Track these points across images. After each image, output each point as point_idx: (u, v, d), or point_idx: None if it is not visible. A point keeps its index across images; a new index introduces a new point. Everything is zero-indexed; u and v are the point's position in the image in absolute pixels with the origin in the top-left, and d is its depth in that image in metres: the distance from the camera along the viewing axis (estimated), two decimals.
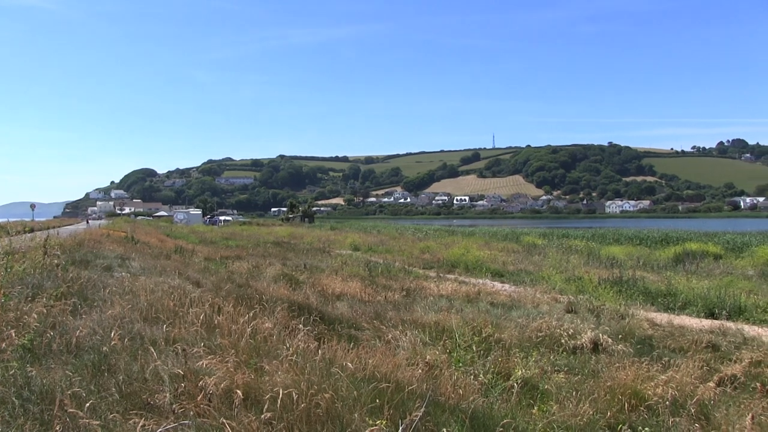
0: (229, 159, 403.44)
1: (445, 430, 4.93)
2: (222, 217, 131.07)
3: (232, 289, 13.13)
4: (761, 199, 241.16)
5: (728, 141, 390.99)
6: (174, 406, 4.82)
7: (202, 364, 5.71)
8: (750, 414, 6.70)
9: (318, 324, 10.56)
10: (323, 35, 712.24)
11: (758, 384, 8.45)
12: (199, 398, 4.92)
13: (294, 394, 4.89)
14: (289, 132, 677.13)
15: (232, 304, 9.66)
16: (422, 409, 4.95)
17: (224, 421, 4.43)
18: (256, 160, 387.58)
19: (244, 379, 5.31)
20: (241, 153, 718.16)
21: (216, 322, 7.65)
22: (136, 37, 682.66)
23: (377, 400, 5.22)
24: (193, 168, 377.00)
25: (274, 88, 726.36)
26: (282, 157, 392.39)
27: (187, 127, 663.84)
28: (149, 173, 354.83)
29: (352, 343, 8.22)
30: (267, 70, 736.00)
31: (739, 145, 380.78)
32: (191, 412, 4.71)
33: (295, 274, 20.05)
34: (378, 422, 4.71)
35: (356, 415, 4.87)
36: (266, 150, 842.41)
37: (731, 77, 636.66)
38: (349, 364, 6.16)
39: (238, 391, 4.92)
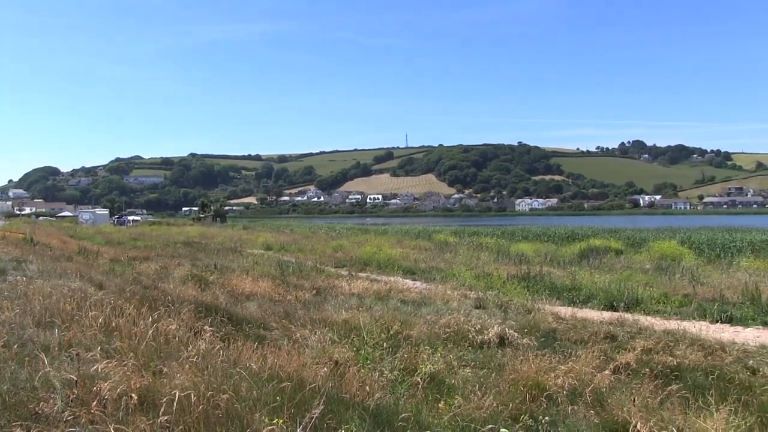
0: (138, 157, 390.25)
1: (345, 426, 4.93)
2: (131, 217, 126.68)
3: (137, 290, 12.74)
4: (658, 197, 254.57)
5: (629, 142, 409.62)
6: (64, 413, 4.61)
7: (98, 368, 5.49)
8: (633, 398, 7.12)
9: (225, 324, 10.37)
10: (235, 32, 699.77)
11: (648, 369, 8.94)
12: (93, 404, 4.73)
13: (192, 396, 4.78)
14: (201, 130, 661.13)
15: (136, 306, 9.37)
16: (321, 407, 4.93)
17: (117, 426, 4.28)
18: (166, 158, 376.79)
19: (142, 383, 5.15)
20: (151, 151, 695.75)
21: (114, 324, 7.39)
22: (37, 28, 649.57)
23: (279, 400, 5.18)
24: (99, 166, 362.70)
25: (184, 84, 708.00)
26: (193, 155, 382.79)
27: (94, 124, 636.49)
28: (52, 171, 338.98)
29: (258, 343, 8.13)
30: (177, 66, 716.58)
31: (639, 146, 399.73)
32: (83, 420, 4.52)
33: (205, 274, 19.63)
34: (276, 421, 4.67)
35: (257, 415, 4.81)
36: (177, 148, 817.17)
37: (631, 82, 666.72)
38: (252, 364, 6.08)
39: (133, 395, 4.77)
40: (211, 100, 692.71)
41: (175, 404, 4.65)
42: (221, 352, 6.83)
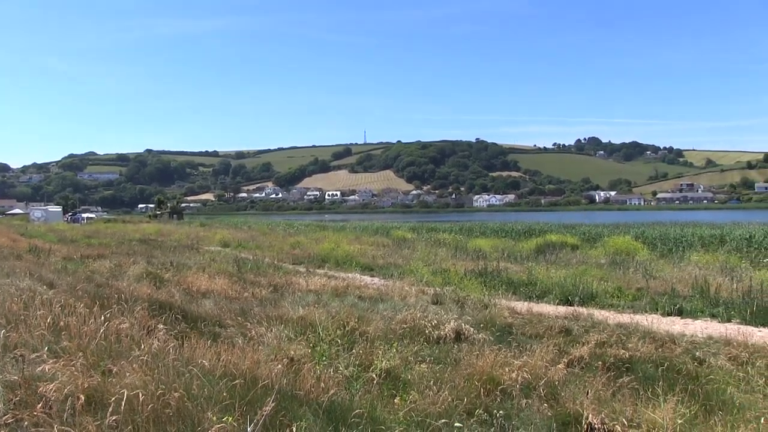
0: (93, 153, 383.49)
1: (298, 423, 4.90)
2: (85, 215, 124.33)
3: (90, 289, 12.49)
4: (613, 193, 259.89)
5: (585, 139, 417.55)
6: (6, 416, 4.46)
7: (44, 369, 5.34)
8: (586, 390, 7.25)
9: (180, 323, 10.23)
10: (192, 27, 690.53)
11: (600, 363, 9.09)
12: (37, 406, 4.59)
13: (142, 395, 4.69)
14: (157, 125, 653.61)
15: (87, 304, 9.17)
16: (273, 404, 4.88)
17: (62, 428, 4.17)
18: (121, 154, 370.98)
19: (91, 383, 5.03)
20: (106, 147, 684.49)
21: (62, 324, 7.20)
22: None
23: (231, 397, 5.12)
24: (52, 162, 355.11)
25: (140, 79, 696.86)
26: (149, 151, 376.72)
27: (46, 120, 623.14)
28: (2, 168, 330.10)
29: (212, 341, 8.03)
30: (133, 60, 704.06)
31: (594, 143, 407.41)
32: (26, 422, 4.39)
33: (161, 272, 19.32)
34: (225, 418, 4.62)
35: (209, 413, 4.74)
36: (133, 144, 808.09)
37: (586, 80, 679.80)
38: (205, 362, 6.00)
39: (81, 396, 4.65)
40: (168, 96, 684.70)
41: (123, 404, 4.56)
42: (174, 350, 6.72)
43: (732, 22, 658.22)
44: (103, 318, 7.85)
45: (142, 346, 6.75)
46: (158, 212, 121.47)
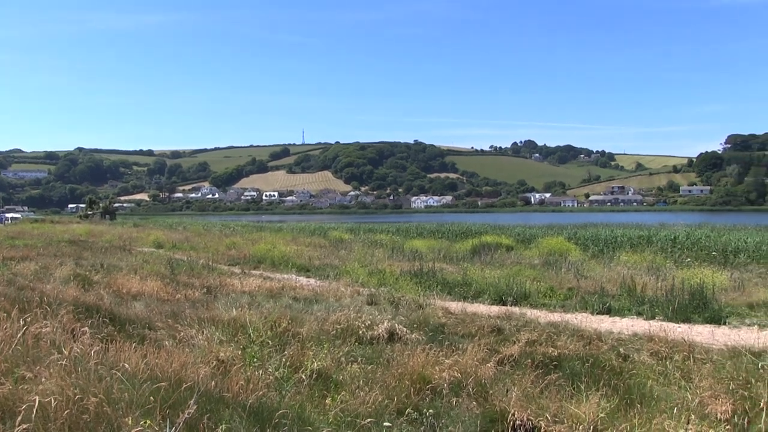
0: (18, 150, 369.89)
1: (222, 425, 4.81)
2: (9, 215, 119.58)
3: (10, 292, 12.01)
4: (548, 195, 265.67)
5: (521, 142, 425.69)
6: None
7: None
8: (514, 387, 7.39)
9: (107, 326, 9.94)
10: (126, 22, 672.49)
11: (530, 361, 9.27)
12: None
13: (57, 401, 4.52)
14: (89, 123, 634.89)
15: (5, 308, 8.80)
16: (194, 406, 4.78)
17: None
18: (50, 152, 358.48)
19: (1, 391, 4.81)
20: (33, 144, 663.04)
21: None
22: None
23: (153, 401, 4.99)
24: None
25: (70, 74, 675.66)
26: (80, 149, 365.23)
27: None
28: None
29: (139, 344, 7.82)
30: (62, 55, 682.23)
31: (530, 146, 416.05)
32: None
33: (90, 274, 18.79)
34: (143, 422, 4.49)
35: (130, 418, 4.61)
36: (62, 142, 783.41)
37: (523, 84, 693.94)
38: (127, 365, 5.83)
39: None
40: (100, 92, 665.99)
41: (35, 411, 4.38)
42: (97, 354, 6.51)
43: (662, 34, 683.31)
44: (22, 322, 7.55)
45: (64, 351, 6.51)
46: (89, 212, 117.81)
